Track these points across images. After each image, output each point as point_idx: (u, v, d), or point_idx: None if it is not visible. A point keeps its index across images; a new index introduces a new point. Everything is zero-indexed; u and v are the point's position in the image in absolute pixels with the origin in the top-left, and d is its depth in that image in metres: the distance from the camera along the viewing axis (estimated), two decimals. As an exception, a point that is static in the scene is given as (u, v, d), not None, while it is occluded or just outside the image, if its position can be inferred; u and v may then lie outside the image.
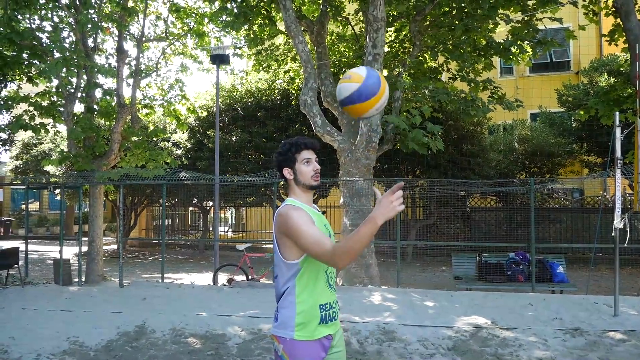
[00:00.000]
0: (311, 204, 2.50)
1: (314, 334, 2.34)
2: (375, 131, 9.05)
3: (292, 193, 2.46)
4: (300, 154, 2.43)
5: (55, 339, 5.75)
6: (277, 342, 2.38)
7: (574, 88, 15.51)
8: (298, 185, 2.44)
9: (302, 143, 2.44)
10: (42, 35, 10.11)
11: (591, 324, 6.20)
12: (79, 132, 9.86)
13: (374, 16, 8.90)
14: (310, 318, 2.34)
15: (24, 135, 20.85)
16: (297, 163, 2.43)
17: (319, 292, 2.37)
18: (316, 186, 2.45)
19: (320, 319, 2.35)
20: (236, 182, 13.48)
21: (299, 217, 2.27)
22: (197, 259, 16.44)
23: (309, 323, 2.33)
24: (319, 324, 2.35)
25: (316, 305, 2.35)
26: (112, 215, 24.67)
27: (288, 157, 2.43)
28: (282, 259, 2.37)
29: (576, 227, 14.24)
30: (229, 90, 16.35)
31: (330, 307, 2.41)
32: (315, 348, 2.34)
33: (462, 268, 9.30)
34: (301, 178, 2.42)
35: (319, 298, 2.37)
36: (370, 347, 5.48)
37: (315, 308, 2.34)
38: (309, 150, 2.44)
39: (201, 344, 5.66)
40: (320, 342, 2.36)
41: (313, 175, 2.42)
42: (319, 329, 2.35)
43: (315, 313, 2.35)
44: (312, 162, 2.43)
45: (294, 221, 2.26)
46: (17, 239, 14.58)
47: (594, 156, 15.72)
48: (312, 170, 2.42)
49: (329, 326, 2.39)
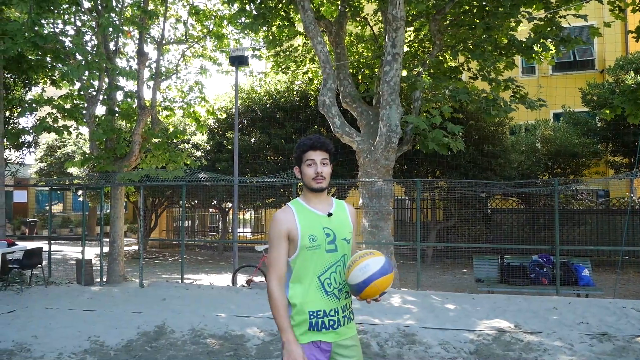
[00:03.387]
0: (321, 203, 2.41)
1: (301, 337, 2.29)
2: (394, 131, 8.95)
3: (302, 192, 2.46)
4: (305, 154, 2.36)
5: (77, 338, 5.81)
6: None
7: (599, 87, 15.14)
8: (304, 185, 2.41)
9: (307, 143, 2.36)
10: (65, 39, 10.28)
11: (619, 329, 6.01)
12: (100, 134, 9.99)
13: (393, 15, 8.81)
14: (300, 322, 2.30)
15: (47, 137, 21.26)
16: (302, 164, 2.38)
17: (310, 298, 2.31)
18: (317, 189, 2.36)
19: (310, 325, 2.29)
20: (255, 183, 13.49)
21: (273, 228, 2.34)
22: (216, 260, 16.52)
23: (298, 326, 2.30)
24: (309, 330, 2.30)
25: (304, 310, 2.30)
26: (133, 217, 25.00)
27: (297, 156, 2.41)
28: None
29: (602, 229, 13.88)
30: (248, 91, 16.41)
31: (325, 314, 2.30)
32: (308, 351, 2.29)
33: (483, 270, 9.13)
34: (304, 179, 2.38)
35: (309, 304, 2.30)
36: (390, 350, 5.40)
37: (303, 313, 2.30)
38: (316, 151, 2.35)
39: (220, 344, 5.65)
40: (308, 347, 2.29)
41: (314, 178, 2.34)
42: (307, 335, 2.30)
43: (304, 318, 2.30)
44: (316, 164, 2.34)
45: (271, 230, 2.35)
46: (41, 240, 14.85)
47: (620, 156, 15.32)
48: (313, 172, 2.34)
49: (323, 333, 2.31)
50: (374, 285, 2.22)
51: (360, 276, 2.23)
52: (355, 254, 2.34)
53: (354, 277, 2.25)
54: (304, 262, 2.31)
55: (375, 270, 2.23)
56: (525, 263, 8.91)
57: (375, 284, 2.22)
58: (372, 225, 9.00)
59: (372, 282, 2.22)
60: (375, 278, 2.22)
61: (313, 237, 2.31)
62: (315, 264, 2.31)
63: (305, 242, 2.29)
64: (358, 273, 2.24)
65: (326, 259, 2.33)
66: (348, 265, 2.30)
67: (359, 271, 2.24)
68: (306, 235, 2.30)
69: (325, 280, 2.33)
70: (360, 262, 2.25)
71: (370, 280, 2.22)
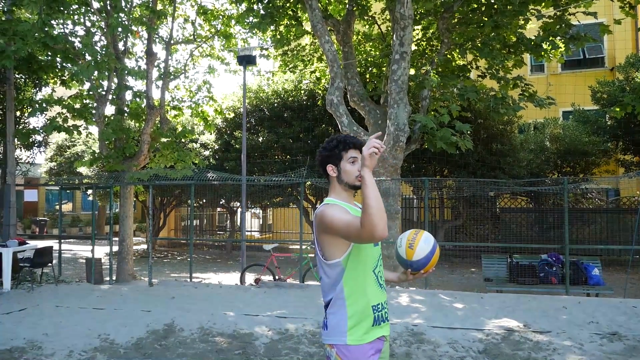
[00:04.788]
0: (352, 202, 2.44)
1: (367, 336, 2.27)
2: (402, 130, 8.93)
3: (332, 191, 2.41)
4: (347, 152, 2.37)
5: (87, 336, 5.86)
6: (329, 348, 2.31)
7: (609, 85, 15.00)
8: (340, 183, 2.38)
9: (350, 142, 2.38)
10: (75, 39, 10.37)
11: (630, 329, 5.96)
12: (109, 134, 10.06)
13: (401, 14, 8.79)
14: (363, 320, 2.27)
15: (57, 137, 21.44)
16: (342, 161, 2.37)
17: (371, 293, 2.30)
18: (359, 187, 2.35)
19: (374, 320, 2.29)
20: (263, 182, 13.53)
21: (333, 210, 2.25)
22: (224, 259, 16.59)
23: (361, 326, 2.26)
24: (372, 326, 2.28)
25: (369, 305, 2.29)
26: (142, 216, 25.14)
27: (334, 154, 2.37)
28: (322, 260, 2.32)
29: (612, 228, 13.77)
30: (256, 91, 16.44)
31: (382, 307, 2.34)
32: (370, 350, 2.28)
33: (492, 270, 9.10)
34: (345, 177, 2.37)
35: (371, 298, 2.30)
36: (398, 349, 5.39)
37: (367, 309, 2.28)
38: (357, 149, 2.37)
39: (228, 343, 5.67)
40: (374, 344, 2.29)
41: (358, 176, 2.33)
42: (373, 331, 2.29)
43: (368, 313, 2.28)
44: (358, 161, 2.35)
45: (329, 215, 2.23)
46: (52, 239, 15.00)
47: (630, 155, 15.18)
48: (357, 170, 2.34)
49: (382, 327, 2.33)
50: (437, 253, 2.38)
51: (426, 248, 2.34)
52: (402, 236, 2.42)
53: (421, 250, 2.34)
54: (358, 257, 2.30)
55: (434, 241, 2.40)
56: (535, 262, 8.85)
57: (437, 253, 2.38)
58: (380, 224, 8.99)
59: (436, 251, 2.37)
60: (437, 246, 2.39)
61: None
62: (367, 259, 2.33)
63: None
64: (424, 245, 2.34)
65: (375, 252, 2.38)
66: (407, 244, 2.36)
67: (424, 243, 2.35)
68: None
69: (378, 274, 2.37)
70: (420, 236, 2.37)
71: (434, 249, 2.37)
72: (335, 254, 2.28)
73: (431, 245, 2.36)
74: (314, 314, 6.72)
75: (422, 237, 2.36)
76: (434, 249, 2.36)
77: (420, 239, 2.36)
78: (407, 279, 2.49)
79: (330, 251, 2.29)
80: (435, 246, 2.38)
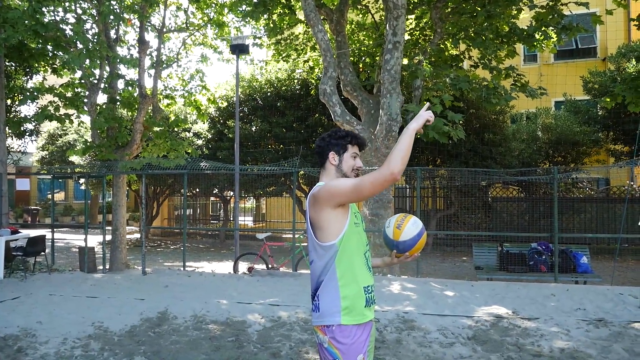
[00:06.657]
0: None
1: (361, 317, 2.32)
2: (395, 120, 8.97)
3: (326, 177, 2.49)
4: (353, 146, 2.51)
5: (81, 324, 5.90)
6: (321, 334, 2.32)
7: (601, 75, 15.10)
8: (338, 172, 2.47)
9: (359, 139, 2.53)
10: (66, 27, 10.26)
11: (616, 315, 6.09)
12: (102, 123, 10.02)
13: (394, 3, 8.78)
14: (356, 300, 2.32)
15: (49, 126, 21.29)
16: (347, 152, 2.48)
17: (361, 274, 2.38)
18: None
19: (366, 301, 2.35)
20: (256, 171, 13.54)
21: (336, 180, 2.40)
22: (217, 248, 16.64)
23: (355, 306, 2.31)
24: (365, 307, 2.35)
25: (360, 286, 2.35)
26: (135, 205, 25.09)
27: (341, 143, 2.49)
28: (317, 242, 2.37)
29: (601, 217, 13.94)
30: (249, 80, 16.38)
31: (371, 289, 2.42)
32: (364, 333, 2.33)
33: (483, 258, 9.21)
34: (344, 167, 2.47)
35: (363, 280, 2.37)
36: (389, 336, 5.48)
37: (360, 290, 2.34)
38: (360, 149, 2.54)
39: (221, 330, 5.74)
40: (366, 327, 2.35)
41: (354, 170, 2.49)
42: (365, 312, 2.35)
43: (361, 294, 2.34)
44: (358, 159, 2.51)
45: (333, 184, 2.34)
46: (44, 228, 14.96)
47: (621, 145, 15.33)
48: (355, 165, 2.49)
49: (371, 309, 2.40)
50: (424, 237, 2.44)
51: (413, 230, 2.41)
52: (391, 218, 2.51)
53: (409, 231, 2.41)
54: (350, 240, 2.37)
55: (422, 225, 2.47)
56: (525, 251, 8.98)
57: (424, 237, 2.44)
58: (373, 213, 9.06)
59: (423, 234, 2.44)
60: (424, 231, 2.46)
61: (356, 214, 2.48)
62: (359, 242, 2.42)
63: (353, 219, 2.41)
64: (411, 227, 2.42)
65: (364, 237, 2.49)
66: (395, 224, 2.44)
67: (412, 225, 2.43)
68: (352, 213, 2.43)
69: (367, 257, 2.46)
70: (409, 218, 2.45)
71: (422, 232, 2.44)
72: (329, 236, 2.34)
73: (419, 228, 2.42)
74: (306, 302, 6.80)
75: (410, 220, 2.44)
76: (421, 232, 2.43)
77: (408, 221, 2.43)
78: (391, 261, 2.55)
79: (325, 233, 2.34)
80: (423, 231, 2.44)
